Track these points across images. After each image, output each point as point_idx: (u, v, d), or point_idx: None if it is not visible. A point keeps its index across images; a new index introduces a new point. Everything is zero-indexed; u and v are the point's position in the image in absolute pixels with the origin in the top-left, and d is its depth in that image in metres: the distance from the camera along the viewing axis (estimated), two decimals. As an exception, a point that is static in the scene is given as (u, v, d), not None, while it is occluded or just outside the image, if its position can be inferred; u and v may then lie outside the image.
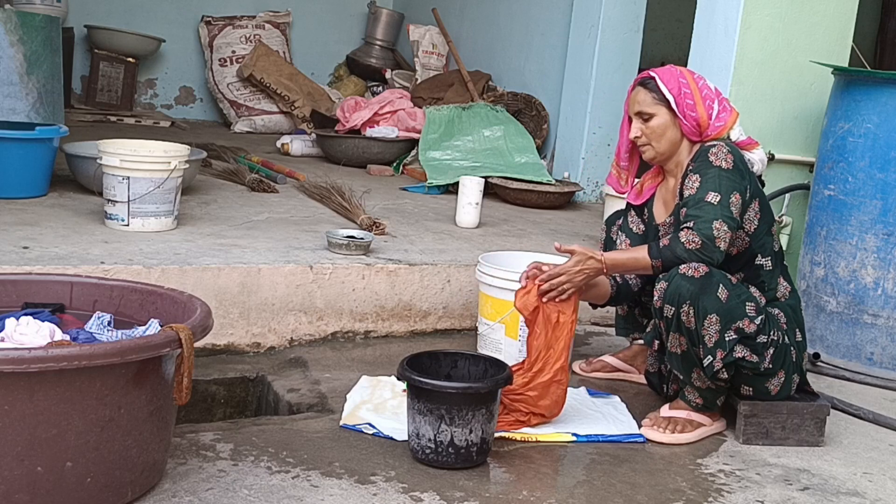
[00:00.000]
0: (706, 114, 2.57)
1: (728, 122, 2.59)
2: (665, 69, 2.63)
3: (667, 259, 2.44)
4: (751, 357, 2.43)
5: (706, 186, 2.46)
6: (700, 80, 2.62)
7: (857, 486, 2.36)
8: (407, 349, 2.95)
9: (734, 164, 2.49)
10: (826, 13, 3.69)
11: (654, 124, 2.59)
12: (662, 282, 2.43)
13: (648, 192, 2.77)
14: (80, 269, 2.75)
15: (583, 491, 2.21)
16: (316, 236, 3.48)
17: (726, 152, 2.50)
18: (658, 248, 2.47)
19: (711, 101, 2.58)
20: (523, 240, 3.90)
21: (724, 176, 2.47)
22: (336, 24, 7.49)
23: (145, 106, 7.03)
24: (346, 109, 5.62)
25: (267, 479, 2.11)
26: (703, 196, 2.45)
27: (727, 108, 2.61)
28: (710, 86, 2.62)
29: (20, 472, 1.76)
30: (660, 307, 2.44)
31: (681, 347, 2.46)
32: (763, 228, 2.57)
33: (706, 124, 2.57)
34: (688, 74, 2.61)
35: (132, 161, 3.25)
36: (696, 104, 2.57)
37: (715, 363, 2.40)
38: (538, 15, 5.66)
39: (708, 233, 2.40)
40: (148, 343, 1.86)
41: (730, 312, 2.38)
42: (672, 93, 2.56)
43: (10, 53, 4.00)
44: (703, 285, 2.37)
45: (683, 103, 2.56)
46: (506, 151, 5.14)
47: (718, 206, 2.43)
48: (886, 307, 3.18)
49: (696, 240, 2.41)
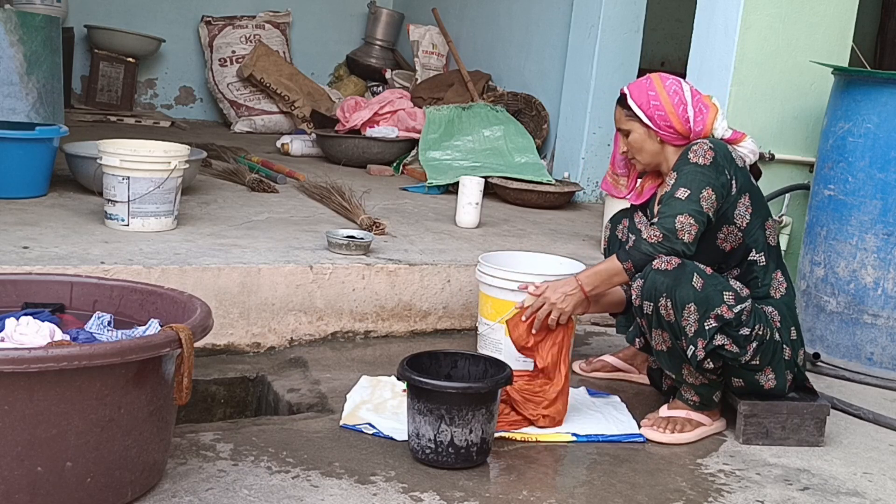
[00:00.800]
0: (680, 120, 2.58)
1: (708, 122, 2.60)
2: (637, 82, 2.66)
3: (635, 259, 2.47)
4: (731, 346, 2.42)
5: (678, 183, 2.49)
6: (672, 86, 2.61)
7: (857, 486, 2.36)
8: (407, 349, 2.95)
9: (713, 160, 2.50)
10: (826, 13, 3.69)
11: (631, 140, 2.65)
12: (638, 279, 2.44)
13: (649, 192, 2.78)
14: (80, 269, 2.75)
15: (583, 491, 2.21)
16: (316, 236, 3.48)
17: (707, 149, 2.51)
18: (625, 251, 2.52)
19: (684, 107, 2.59)
20: (523, 240, 3.90)
21: (698, 171, 2.48)
22: (336, 24, 7.49)
23: (145, 106, 7.03)
24: (346, 109, 5.62)
25: (267, 479, 2.11)
26: (674, 193, 2.48)
27: (704, 107, 2.61)
28: (682, 89, 2.61)
29: (20, 472, 1.76)
30: (639, 305, 2.45)
31: (666, 344, 2.46)
32: (756, 223, 2.57)
33: (685, 129, 2.59)
34: (658, 84, 2.62)
35: (132, 161, 3.25)
36: (668, 114, 2.58)
37: (697, 352, 2.40)
38: (538, 15, 5.66)
39: (669, 226, 2.43)
40: (148, 343, 1.86)
41: (707, 300, 2.39)
42: (641, 108, 2.60)
43: (10, 53, 4.01)
44: (676, 276, 2.38)
45: (654, 115, 2.59)
46: (506, 151, 5.14)
47: (686, 201, 2.45)
48: (886, 307, 3.18)
49: (657, 234, 2.44)
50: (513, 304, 2.87)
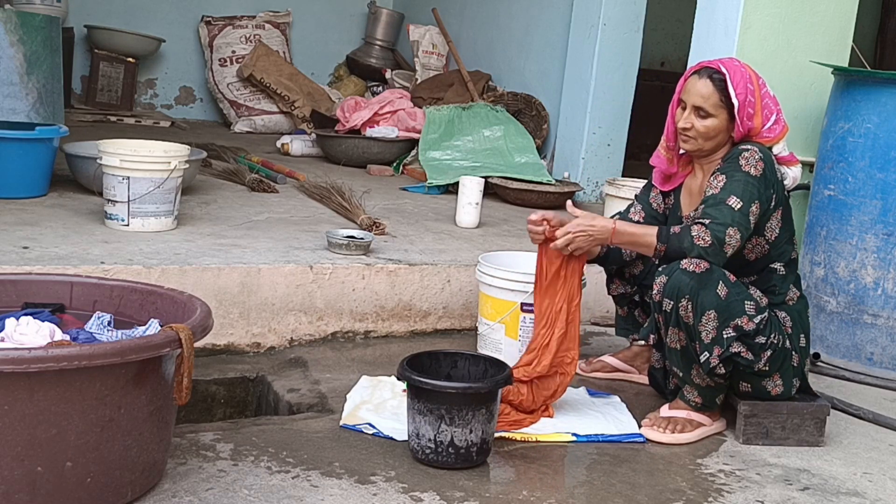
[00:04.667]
0: (762, 125, 2.51)
1: (777, 136, 2.53)
2: (735, 66, 2.51)
3: (672, 247, 2.42)
4: (746, 354, 2.43)
5: (730, 189, 2.43)
6: (763, 86, 2.53)
7: (857, 486, 2.36)
8: (407, 349, 2.95)
9: (763, 172, 2.45)
10: (826, 13, 3.69)
11: (709, 124, 2.51)
12: (662, 276, 2.42)
13: (679, 179, 2.71)
14: (80, 269, 2.75)
15: (583, 491, 2.21)
16: (316, 236, 3.48)
17: (758, 159, 2.46)
18: (668, 233, 2.44)
19: (770, 113, 2.52)
20: (523, 240, 3.88)
21: (750, 182, 2.43)
22: (336, 24, 7.49)
23: (145, 106, 7.03)
24: (346, 109, 5.62)
25: (267, 479, 2.11)
26: (725, 198, 2.42)
27: (781, 121, 2.54)
28: (770, 94, 2.54)
29: (20, 472, 1.76)
30: (659, 301, 2.43)
31: (680, 343, 2.46)
32: (784, 237, 2.56)
33: (757, 133, 2.52)
34: (754, 78, 2.52)
35: (132, 161, 3.25)
36: (756, 114, 2.50)
37: (711, 359, 2.40)
38: (538, 15, 5.66)
39: (721, 236, 2.38)
40: (148, 343, 1.86)
41: (728, 309, 2.38)
42: (739, 98, 2.48)
43: (10, 53, 4.01)
44: (702, 280, 2.36)
45: (745, 111, 2.49)
46: (506, 151, 5.14)
47: (738, 213, 2.40)
48: (886, 307, 3.18)
49: (707, 238, 2.38)
50: (513, 304, 2.88)
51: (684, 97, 2.55)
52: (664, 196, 2.77)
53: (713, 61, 2.55)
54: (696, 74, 2.53)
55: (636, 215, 2.79)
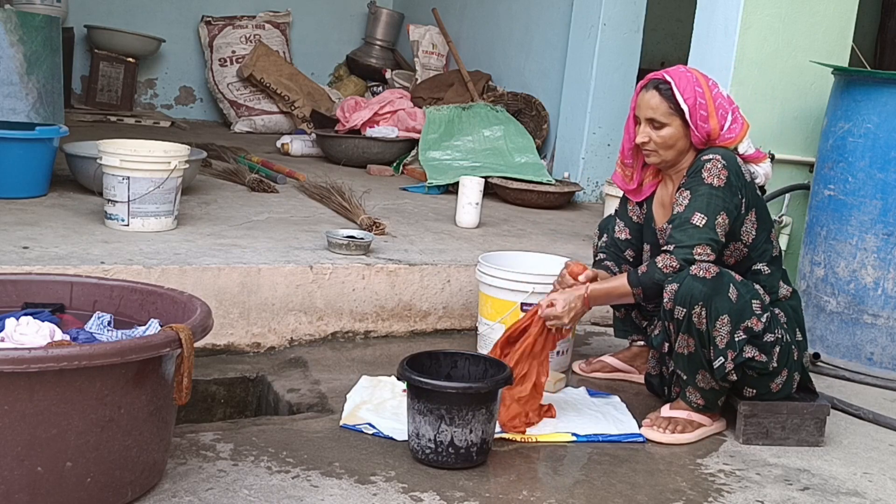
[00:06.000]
0: (719, 127, 2.50)
1: (738, 136, 2.53)
2: (680, 73, 2.52)
3: (646, 286, 2.45)
4: (760, 357, 2.43)
5: (693, 205, 2.44)
6: (714, 87, 2.53)
7: (857, 486, 2.36)
8: (407, 349, 2.95)
9: (727, 181, 2.45)
10: (826, 13, 3.69)
11: (665, 134, 2.52)
12: (673, 283, 2.40)
13: (649, 189, 2.75)
14: (80, 269, 2.75)
15: (583, 491, 2.21)
16: (316, 236, 3.48)
17: (720, 167, 2.45)
18: (637, 276, 2.47)
19: (725, 113, 2.51)
20: (523, 240, 3.90)
21: (714, 195, 2.43)
22: (336, 24, 7.49)
23: (145, 106, 7.03)
24: (346, 109, 5.62)
25: (267, 479, 2.11)
26: (689, 217, 2.43)
27: (739, 119, 2.54)
28: (723, 94, 2.54)
29: (20, 472, 1.76)
30: (670, 309, 2.42)
31: (689, 349, 2.45)
32: (762, 237, 2.56)
33: (717, 136, 2.51)
34: (703, 81, 2.52)
35: (132, 161, 3.25)
36: (710, 116, 2.50)
37: (727, 364, 2.40)
38: (538, 15, 5.66)
39: (688, 257, 2.40)
40: (148, 343, 1.86)
41: (740, 312, 2.38)
42: (688, 103, 2.48)
43: (10, 53, 4.01)
44: (714, 286, 2.36)
45: (697, 114, 2.48)
46: (506, 151, 5.14)
47: (704, 229, 2.41)
48: (886, 307, 3.18)
49: (674, 264, 2.41)
50: (513, 304, 2.88)
51: (638, 113, 2.57)
52: (640, 206, 2.79)
53: (659, 72, 2.56)
54: (643, 89, 2.55)
55: (622, 233, 2.83)
